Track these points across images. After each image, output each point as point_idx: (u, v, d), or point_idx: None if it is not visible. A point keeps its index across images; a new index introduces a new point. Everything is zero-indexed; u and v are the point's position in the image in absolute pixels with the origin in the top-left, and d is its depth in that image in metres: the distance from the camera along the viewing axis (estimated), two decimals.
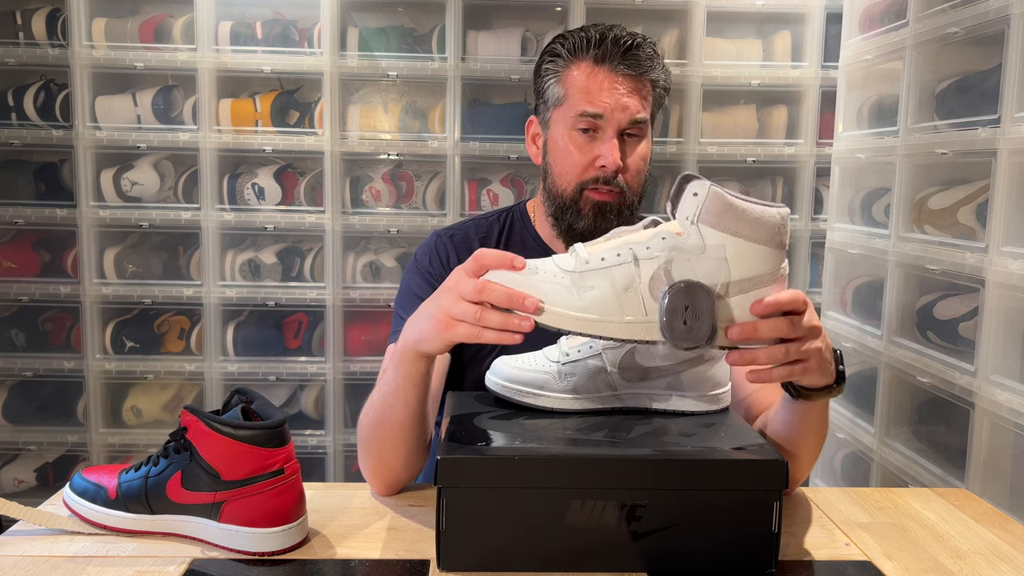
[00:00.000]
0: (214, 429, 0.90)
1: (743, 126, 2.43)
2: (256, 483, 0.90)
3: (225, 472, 0.90)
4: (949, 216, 1.63)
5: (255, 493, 0.90)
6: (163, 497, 0.93)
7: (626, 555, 0.87)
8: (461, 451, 0.87)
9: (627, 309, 0.79)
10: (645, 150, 1.23)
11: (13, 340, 2.38)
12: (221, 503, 0.91)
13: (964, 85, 1.62)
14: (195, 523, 0.93)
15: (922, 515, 1.07)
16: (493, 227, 1.33)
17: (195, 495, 0.92)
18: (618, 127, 1.18)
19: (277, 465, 0.90)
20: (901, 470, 1.70)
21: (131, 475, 0.96)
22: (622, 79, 1.18)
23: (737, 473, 0.87)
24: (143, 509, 0.94)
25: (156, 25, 2.32)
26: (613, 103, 1.17)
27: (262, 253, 2.39)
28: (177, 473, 0.92)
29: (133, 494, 0.94)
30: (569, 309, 0.80)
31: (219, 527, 0.91)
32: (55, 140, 2.31)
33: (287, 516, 0.92)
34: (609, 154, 1.17)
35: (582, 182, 1.20)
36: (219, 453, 0.90)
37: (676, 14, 2.39)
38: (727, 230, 0.77)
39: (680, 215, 0.79)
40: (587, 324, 0.79)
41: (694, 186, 0.78)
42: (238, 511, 0.90)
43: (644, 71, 1.19)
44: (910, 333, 1.72)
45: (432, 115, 2.39)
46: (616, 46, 1.18)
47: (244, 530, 0.90)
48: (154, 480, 0.94)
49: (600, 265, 0.80)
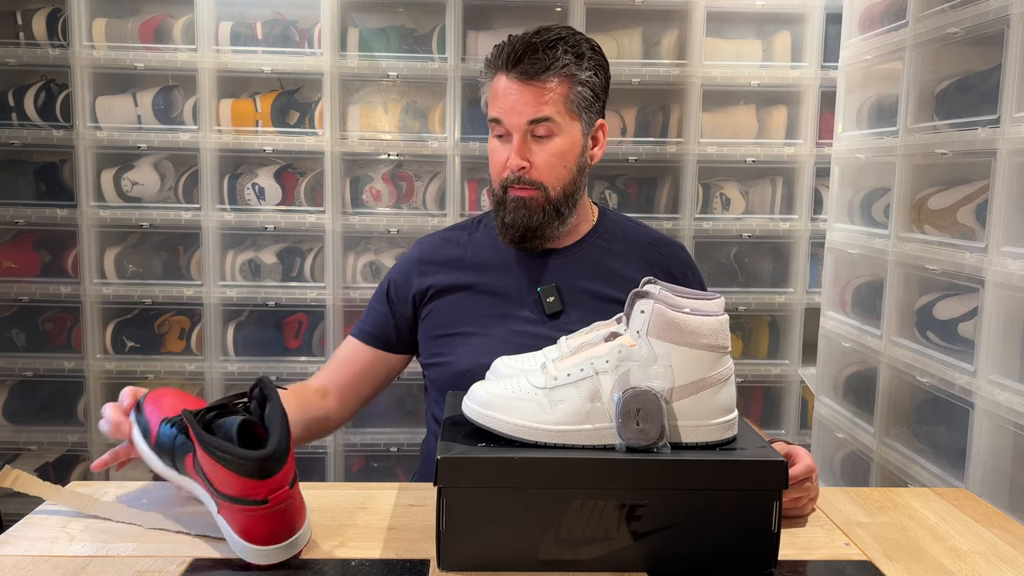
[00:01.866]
0: (202, 446, 0.88)
1: (743, 126, 2.43)
2: (242, 504, 0.87)
3: (216, 483, 0.89)
4: (949, 216, 1.63)
5: (242, 512, 0.88)
6: (182, 464, 0.95)
7: (626, 555, 0.87)
8: (461, 451, 0.87)
9: (594, 418, 0.88)
10: (558, 146, 1.30)
11: (13, 340, 2.38)
12: (217, 504, 0.91)
13: (964, 85, 1.62)
14: (205, 499, 0.94)
15: (922, 515, 1.07)
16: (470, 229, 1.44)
17: (200, 480, 0.93)
18: (519, 130, 1.27)
19: (260, 495, 0.86)
20: (901, 470, 1.71)
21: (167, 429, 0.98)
22: (518, 86, 1.27)
23: (737, 473, 0.87)
24: (171, 464, 0.97)
25: (156, 25, 2.32)
26: (508, 108, 1.27)
27: (262, 253, 2.39)
28: (190, 454, 0.94)
29: (166, 448, 0.97)
30: (545, 423, 0.88)
31: (216, 514, 0.92)
32: (55, 140, 2.31)
33: (273, 538, 0.88)
34: (512, 156, 1.29)
35: (502, 181, 1.31)
36: (208, 466, 0.89)
37: (676, 14, 2.39)
38: (672, 340, 0.87)
39: (631, 329, 0.89)
40: (561, 435, 0.88)
41: (641, 304, 0.89)
42: (229, 518, 0.90)
43: (536, 74, 1.26)
44: (910, 333, 1.73)
45: (432, 115, 2.39)
46: (512, 55, 1.27)
47: (234, 536, 0.89)
48: (180, 445, 0.95)
49: (567, 380, 0.90)
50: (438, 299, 1.36)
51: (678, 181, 2.42)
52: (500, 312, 1.32)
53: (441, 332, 1.34)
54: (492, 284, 1.35)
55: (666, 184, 2.45)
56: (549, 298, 1.32)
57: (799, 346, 2.47)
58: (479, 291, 1.35)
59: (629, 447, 0.87)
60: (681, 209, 2.40)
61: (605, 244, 1.38)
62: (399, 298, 1.39)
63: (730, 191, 2.44)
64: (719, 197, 2.44)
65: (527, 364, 1.04)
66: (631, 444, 0.87)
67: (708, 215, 2.43)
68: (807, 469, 1.03)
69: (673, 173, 2.44)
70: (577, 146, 1.31)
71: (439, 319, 1.35)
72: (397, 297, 1.39)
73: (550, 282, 1.34)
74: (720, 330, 0.89)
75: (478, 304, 1.34)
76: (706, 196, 2.43)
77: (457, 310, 1.35)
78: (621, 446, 0.87)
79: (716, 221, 2.41)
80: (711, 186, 2.45)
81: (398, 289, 1.39)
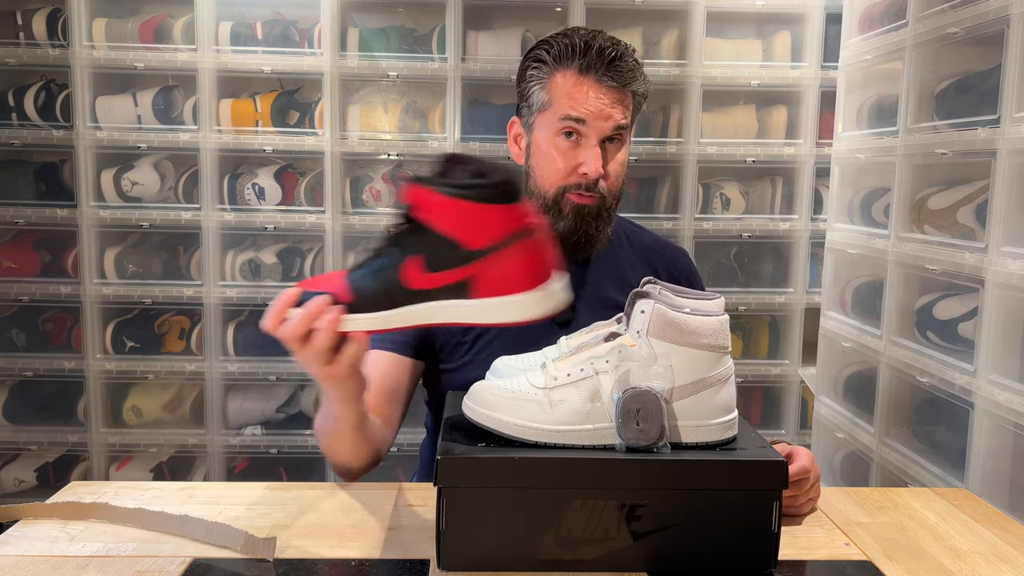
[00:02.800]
0: (450, 196, 0.78)
1: (743, 126, 2.43)
2: (506, 247, 0.80)
3: (469, 241, 0.80)
4: (949, 216, 1.63)
5: (504, 258, 0.80)
6: (400, 288, 0.83)
7: (626, 555, 0.87)
8: (461, 451, 0.87)
9: (594, 418, 0.88)
10: (624, 156, 1.27)
11: (13, 340, 2.38)
12: (471, 277, 0.81)
13: (964, 85, 1.62)
14: (443, 307, 0.83)
15: (922, 515, 1.07)
16: None
17: (440, 276, 0.82)
18: (601, 134, 1.22)
19: (521, 222, 0.80)
20: (901, 470, 1.71)
21: (359, 274, 0.85)
22: (606, 89, 1.21)
23: (737, 473, 0.87)
24: (385, 304, 0.84)
25: (156, 25, 2.32)
26: (597, 111, 1.20)
27: (262, 253, 2.39)
28: (413, 258, 0.82)
29: (369, 291, 0.84)
30: (545, 424, 0.88)
31: (469, 304, 0.82)
32: (55, 140, 2.31)
33: (537, 277, 0.81)
34: (591, 162, 1.21)
35: (564, 186, 1.23)
36: (457, 221, 0.79)
37: (676, 14, 2.39)
38: (672, 340, 0.87)
39: (632, 329, 0.89)
40: (561, 435, 0.88)
41: (641, 304, 0.89)
42: (491, 282, 0.81)
43: (627, 82, 1.22)
44: (910, 333, 1.73)
45: (432, 115, 2.39)
46: (601, 57, 1.21)
47: (498, 301, 0.81)
48: (386, 273, 0.83)
49: (567, 380, 0.90)
50: None
51: (678, 181, 2.42)
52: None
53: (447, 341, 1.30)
54: None
55: (666, 184, 2.45)
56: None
57: (799, 346, 2.47)
58: None
59: (629, 447, 0.87)
60: (681, 209, 2.40)
61: (616, 251, 1.37)
62: None
63: (730, 191, 2.44)
64: (719, 197, 2.44)
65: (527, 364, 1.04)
66: (631, 444, 0.87)
67: (708, 215, 2.43)
68: (801, 470, 1.03)
69: (673, 173, 2.43)
70: (628, 155, 1.29)
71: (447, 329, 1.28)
72: None
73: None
74: (720, 330, 0.89)
75: None
76: (706, 196, 2.43)
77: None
78: (621, 446, 0.87)
79: (716, 221, 2.41)
80: (711, 186, 2.44)
81: None
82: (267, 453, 2.39)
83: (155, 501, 1.04)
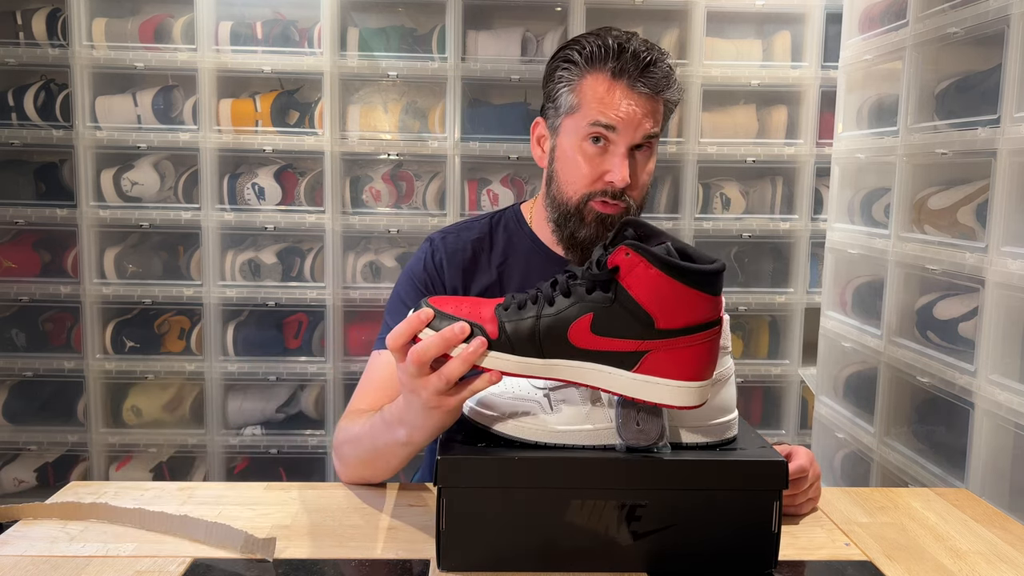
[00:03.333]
0: (668, 274, 0.77)
1: (743, 126, 2.43)
2: (692, 334, 0.79)
3: (662, 319, 0.79)
4: (949, 216, 1.63)
5: (687, 345, 0.79)
6: (562, 340, 0.81)
7: (626, 555, 0.87)
8: (461, 451, 0.87)
9: (594, 418, 0.88)
10: (652, 166, 1.23)
11: (13, 340, 2.38)
12: (645, 352, 0.80)
13: (964, 85, 1.62)
14: (599, 371, 0.82)
15: (922, 515, 1.07)
16: (486, 230, 1.32)
17: (612, 341, 0.80)
18: (630, 143, 1.17)
19: (718, 313, 0.80)
20: (901, 470, 1.70)
21: (514, 313, 0.83)
22: (638, 96, 1.16)
23: (737, 473, 0.87)
24: (533, 353, 0.82)
25: (156, 25, 2.32)
26: (628, 118, 1.15)
27: (262, 253, 2.39)
28: (588, 315, 0.80)
29: (523, 334, 0.82)
30: (545, 424, 0.88)
31: (631, 377, 0.81)
32: (55, 140, 2.31)
33: (707, 371, 0.82)
34: (619, 170, 1.16)
35: (589, 193, 1.19)
36: (663, 298, 0.78)
37: (676, 14, 2.39)
38: None
39: None
40: (561, 436, 0.88)
41: None
42: (663, 362, 0.80)
43: (660, 90, 1.17)
44: (910, 333, 1.73)
45: (432, 115, 2.39)
46: (635, 61, 1.15)
47: (663, 382, 0.80)
48: (551, 320, 0.81)
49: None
50: None
51: (678, 181, 2.42)
52: None
53: None
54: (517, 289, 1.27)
55: (666, 184, 2.45)
56: None
57: (799, 346, 2.47)
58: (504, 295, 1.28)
59: (629, 448, 0.87)
60: (681, 209, 2.40)
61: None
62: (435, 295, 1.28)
63: (730, 191, 2.44)
64: (719, 197, 2.44)
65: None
66: (631, 444, 0.87)
67: (708, 215, 2.43)
68: (799, 469, 1.02)
69: (673, 173, 2.43)
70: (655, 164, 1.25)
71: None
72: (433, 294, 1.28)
73: None
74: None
75: None
76: (706, 196, 2.43)
77: None
78: (621, 446, 0.87)
79: (716, 221, 2.41)
80: (711, 186, 2.44)
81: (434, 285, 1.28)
82: (267, 453, 2.39)
83: (155, 501, 1.04)
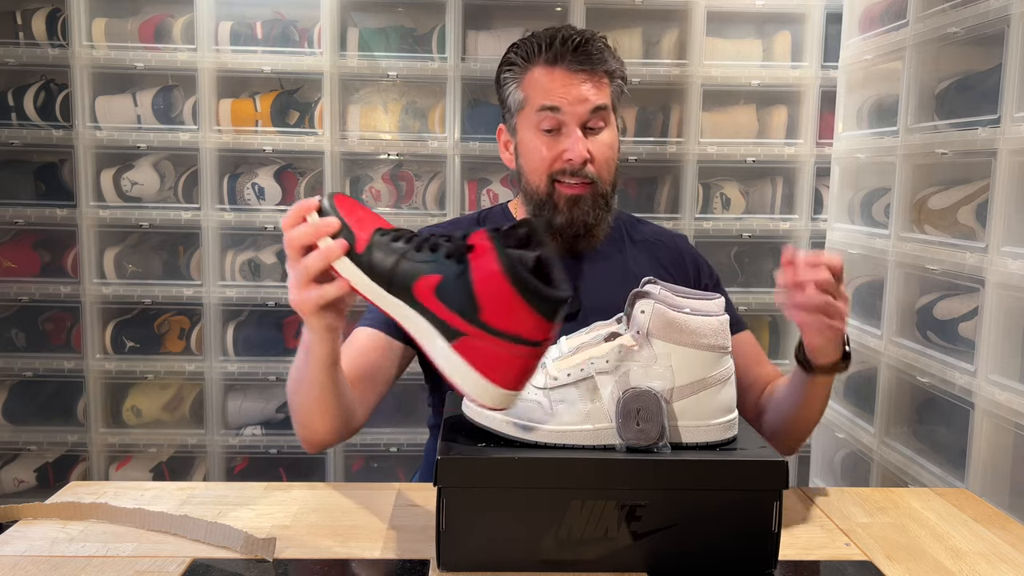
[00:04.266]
0: (507, 275, 0.77)
1: (743, 126, 2.43)
2: (512, 343, 0.78)
3: (487, 313, 0.78)
4: (949, 216, 1.63)
5: (501, 349, 0.78)
6: (406, 287, 0.82)
7: (626, 555, 0.87)
8: (461, 451, 0.87)
9: (593, 418, 0.88)
10: (610, 138, 1.27)
11: (13, 340, 2.38)
12: (463, 334, 0.80)
13: (964, 85, 1.62)
14: (427, 330, 0.81)
15: (922, 515, 1.07)
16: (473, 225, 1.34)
17: (444, 309, 0.80)
18: (580, 120, 1.23)
19: (539, 337, 0.79)
20: (901, 470, 1.70)
21: (388, 242, 0.84)
22: (577, 75, 1.23)
23: (737, 473, 0.87)
24: (382, 282, 0.83)
25: (156, 25, 2.32)
26: (571, 96, 1.22)
27: (262, 253, 2.39)
28: (436, 276, 0.80)
29: (384, 264, 0.83)
30: (545, 424, 0.88)
31: (448, 350, 0.80)
32: (55, 140, 2.31)
33: (519, 383, 0.81)
34: (574, 147, 1.23)
35: (552, 174, 1.25)
36: (494, 294, 0.77)
37: (676, 14, 2.39)
38: (672, 340, 0.88)
39: (632, 329, 0.89)
40: (561, 436, 0.88)
41: (641, 304, 0.89)
42: (474, 351, 0.80)
43: (596, 64, 1.24)
44: (910, 333, 1.73)
45: (432, 115, 2.39)
46: (566, 45, 1.23)
47: (470, 371, 0.80)
48: (407, 265, 0.82)
49: (567, 380, 0.89)
50: None
51: (678, 181, 2.42)
52: None
53: None
54: None
55: (666, 184, 2.45)
56: None
57: None
58: None
59: (629, 447, 0.87)
60: (681, 209, 2.40)
61: (615, 242, 1.37)
62: None
63: (730, 191, 2.44)
64: (719, 197, 2.43)
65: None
66: (631, 444, 0.87)
67: (708, 215, 2.42)
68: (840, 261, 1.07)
69: (673, 173, 2.43)
70: (617, 138, 1.30)
71: None
72: None
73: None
74: (720, 330, 0.89)
75: None
76: (706, 196, 2.43)
77: None
78: (621, 446, 0.87)
79: (716, 221, 2.41)
80: (711, 186, 2.44)
81: None
82: (267, 453, 2.39)
83: (155, 501, 1.04)
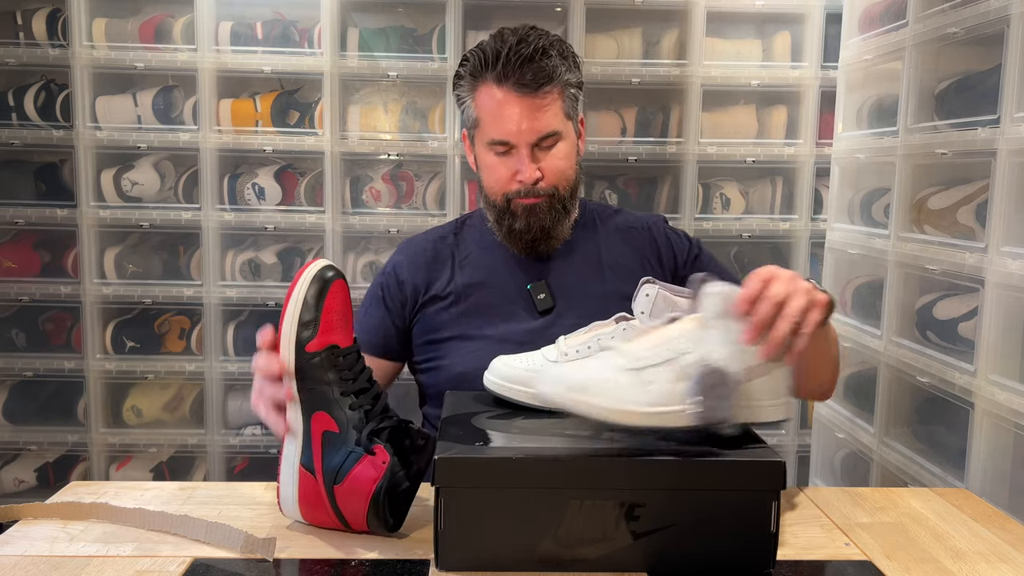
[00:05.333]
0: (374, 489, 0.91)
1: (743, 126, 2.43)
2: (339, 519, 0.95)
3: (341, 497, 0.94)
4: (949, 216, 1.63)
5: (329, 514, 0.95)
6: (313, 408, 0.95)
7: (626, 555, 0.87)
8: (460, 451, 0.87)
9: (681, 398, 0.88)
10: (565, 149, 1.29)
11: (13, 340, 2.38)
12: (314, 476, 0.95)
13: (964, 85, 1.62)
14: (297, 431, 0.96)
15: (922, 515, 1.07)
16: (452, 229, 1.43)
17: (318, 451, 0.94)
18: (528, 144, 1.25)
19: (357, 530, 0.96)
20: (901, 470, 1.70)
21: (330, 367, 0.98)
22: (525, 100, 1.23)
23: (736, 473, 0.87)
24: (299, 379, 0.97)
25: (156, 25, 2.32)
26: (517, 128, 1.23)
27: (262, 253, 2.39)
28: (336, 427, 0.94)
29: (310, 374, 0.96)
30: (638, 405, 0.86)
31: (295, 467, 0.96)
32: (55, 140, 2.31)
33: (313, 520, 0.98)
34: (525, 170, 1.26)
35: (507, 194, 1.29)
36: (355, 491, 0.92)
37: (676, 14, 2.39)
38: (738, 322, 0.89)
39: (706, 312, 0.90)
40: (654, 417, 0.87)
41: (711, 287, 0.90)
42: (310, 491, 0.95)
43: (543, 83, 1.23)
44: (910, 333, 1.72)
45: (432, 115, 2.39)
46: (510, 62, 1.22)
47: (292, 496, 0.97)
48: (327, 399, 0.95)
49: (655, 361, 0.89)
50: (431, 303, 1.35)
51: (678, 181, 2.42)
52: (493, 313, 1.32)
53: (434, 337, 1.33)
54: (483, 285, 1.34)
55: (666, 184, 2.45)
56: (540, 295, 1.32)
57: None
58: (470, 293, 1.34)
59: (700, 425, 0.87)
60: (681, 209, 2.40)
61: (588, 235, 1.39)
62: (394, 302, 1.37)
63: (730, 191, 2.44)
64: (719, 197, 2.43)
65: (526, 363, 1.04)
66: (703, 422, 0.87)
67: (708, 215, 2.42)
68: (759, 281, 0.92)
69: (673, 173, 2.43)
70: (574, 145, 1.31)
71: (431, 323, 1.34)
72: (392, 301, 1.37)
73: (540, 278, 1.33)
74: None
75: (470, 306, 1.33)
76: (706, 196, 2.43)
77: (449, 313, 1.33)
78: (692, 419, 0.87)
79: (716, 221, 2.41)
80: (711, 186, 2.44)
81: (391, 293, 1.37)
82: (267, 453, 2.39)
83: (155, 501, 1.04)
